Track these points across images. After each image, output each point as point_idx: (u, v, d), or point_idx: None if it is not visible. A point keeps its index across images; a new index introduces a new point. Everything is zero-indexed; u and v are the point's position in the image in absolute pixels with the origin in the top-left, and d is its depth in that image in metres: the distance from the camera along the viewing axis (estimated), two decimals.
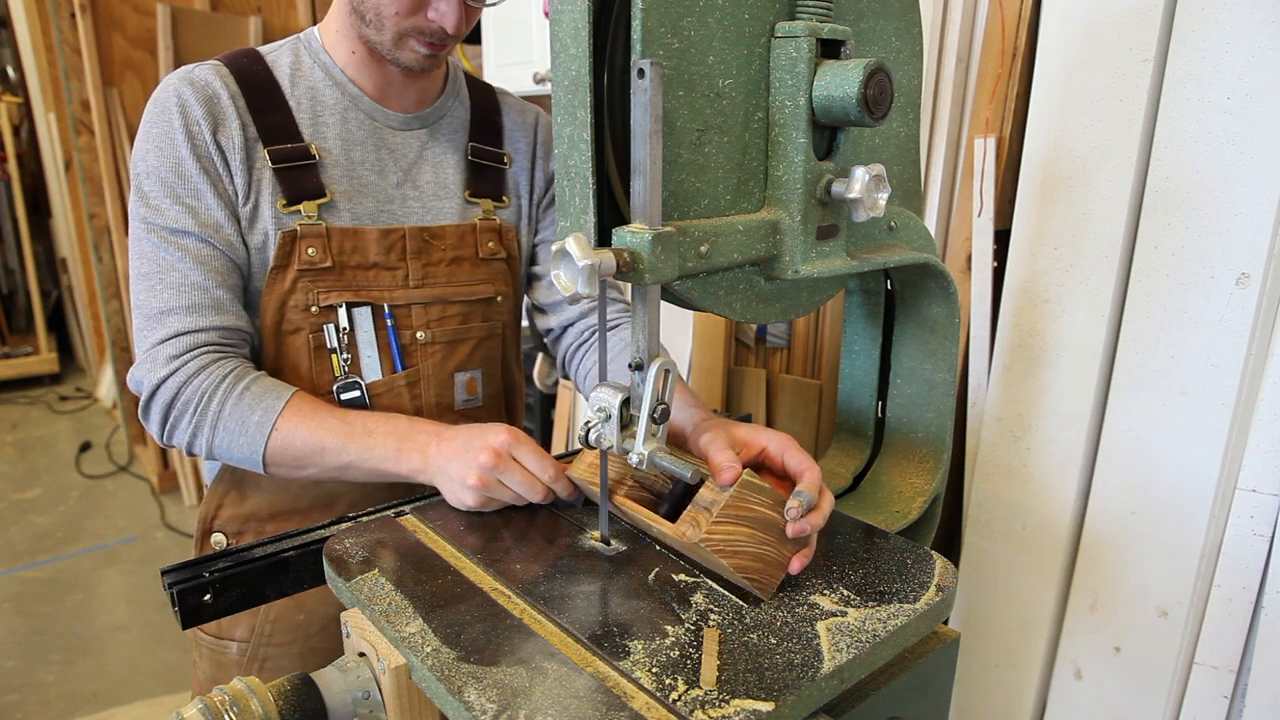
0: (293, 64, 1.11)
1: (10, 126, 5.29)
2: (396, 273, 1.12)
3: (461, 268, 1.18)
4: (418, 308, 1.14)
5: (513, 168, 1.26)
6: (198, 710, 0.67)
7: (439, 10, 1.01)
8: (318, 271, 1.07)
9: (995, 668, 1.45)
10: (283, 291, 1.06)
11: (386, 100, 1.14)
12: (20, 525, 3.59)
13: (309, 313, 1.07)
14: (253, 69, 1.08)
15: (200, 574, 0.86)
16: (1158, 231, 1.20)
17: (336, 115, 1.11)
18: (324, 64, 1.11)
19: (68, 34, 3.34)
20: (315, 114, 1.10)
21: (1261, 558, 1.14)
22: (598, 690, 0.64)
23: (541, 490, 0.93)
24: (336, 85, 1.11)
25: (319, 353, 1.09)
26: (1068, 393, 1.32)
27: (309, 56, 1.12)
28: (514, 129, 1.27)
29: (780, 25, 0.74)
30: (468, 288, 1.18)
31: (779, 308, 0.85)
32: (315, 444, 0.98)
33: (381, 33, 1.04)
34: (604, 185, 0.70)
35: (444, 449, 0.94)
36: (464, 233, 1.18)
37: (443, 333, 1.17)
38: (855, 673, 0.69)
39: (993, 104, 1.39)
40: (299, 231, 1.05)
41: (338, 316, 1.09)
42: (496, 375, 1.25)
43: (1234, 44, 1.10)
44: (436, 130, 1.19)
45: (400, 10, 1.01)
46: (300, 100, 1.09)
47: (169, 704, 2.51)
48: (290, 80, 1.10)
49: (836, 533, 0.90)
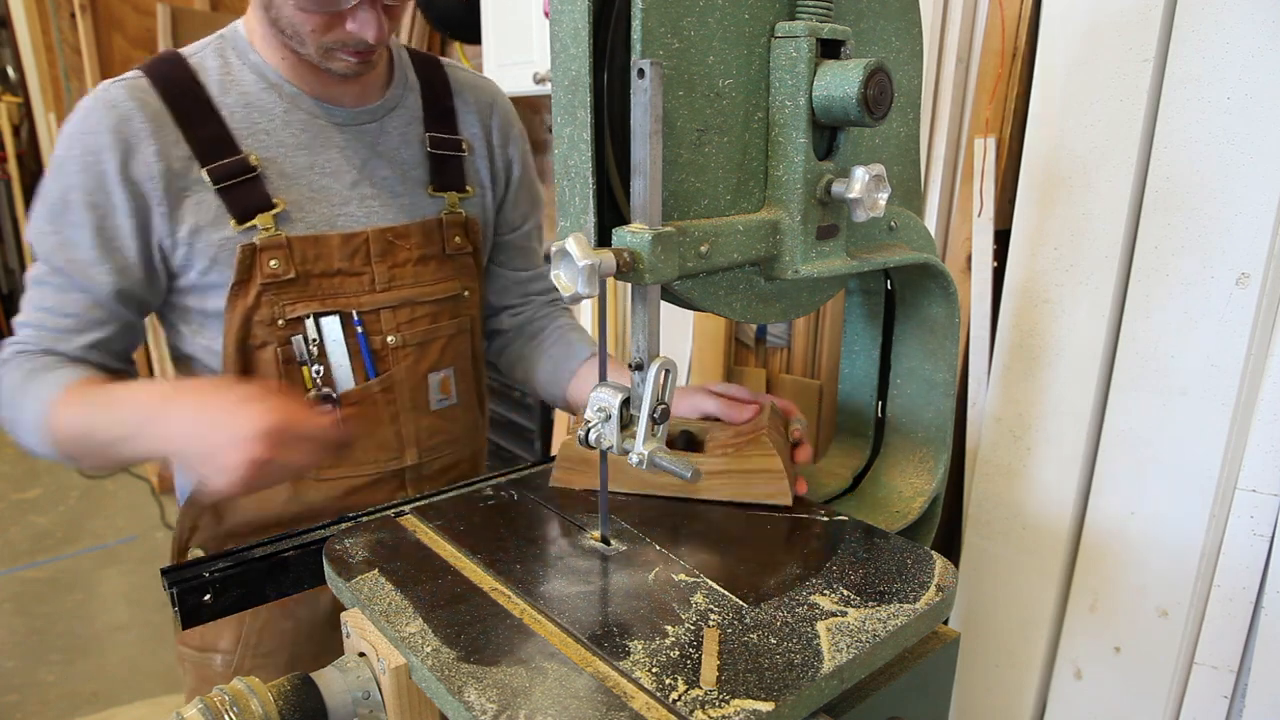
0: (221, 68, 1.05)
1: (10, 126, 5.29)
2: (362, 278, 1.09)
3: (428, 266, 1.15)
4: (386, 311, 1.11)
5: (473, 156, 1.22)
6: (198, 710, 0.67)
7: (358, 21, 0.97)
8: (282, 284, 1.04)
9: (995, 668, 1.45)
10: (247, 307, 1.03)
11: (329, 98, 1.09)
12: (20, 525, 3.60)
13: (275, 326, 1.04)
14: (178, 79, 1.02)
15: (200, 574, 0.86)
16: (1158, 231, 1.20)
17: (276, 120, 1.05)
18: (255, 65, 1.06)
19: (68, 34, 3.35)
20: (252, 121, 1.04)
21: (1261, 558, 1.15)
22: (598, 690, 0.64)
23: (329, 456, 0.91)
24: (272, 87, 1.06)
25: (289, 366, 1.07)
26: (1068, 393, 1.32)
27: (237, 58, 1.06)
28: (467, 112, 1.22)
29: (780, 25, 0.74)
30: (436, 286, 1.15)
31: (779, 308, 0.85)
32: (85, 425, 0.93)
33: (304, 47, 1.01)
34: (604, 185, 0.70)
35: (203, 433, 0.85)
36: (429, 229, 1.14)
37: (413, 335, 1.14)
38: (855, 673, 0.69)
39: (993, 104, 1.39)
40: (258, 245, 1.02)
41: (305, 327, 1.06)
42: (468, 371, 1.24)
43: (1234, 44, 1.10)
44: (388, 123, 1.14)
45: (316, 28, 0.98)
46: (233, 108, 1.04)
47: (169, 704, 2.51)
48: (220, 87, 1.04)
49: (836, 533, 0.90)
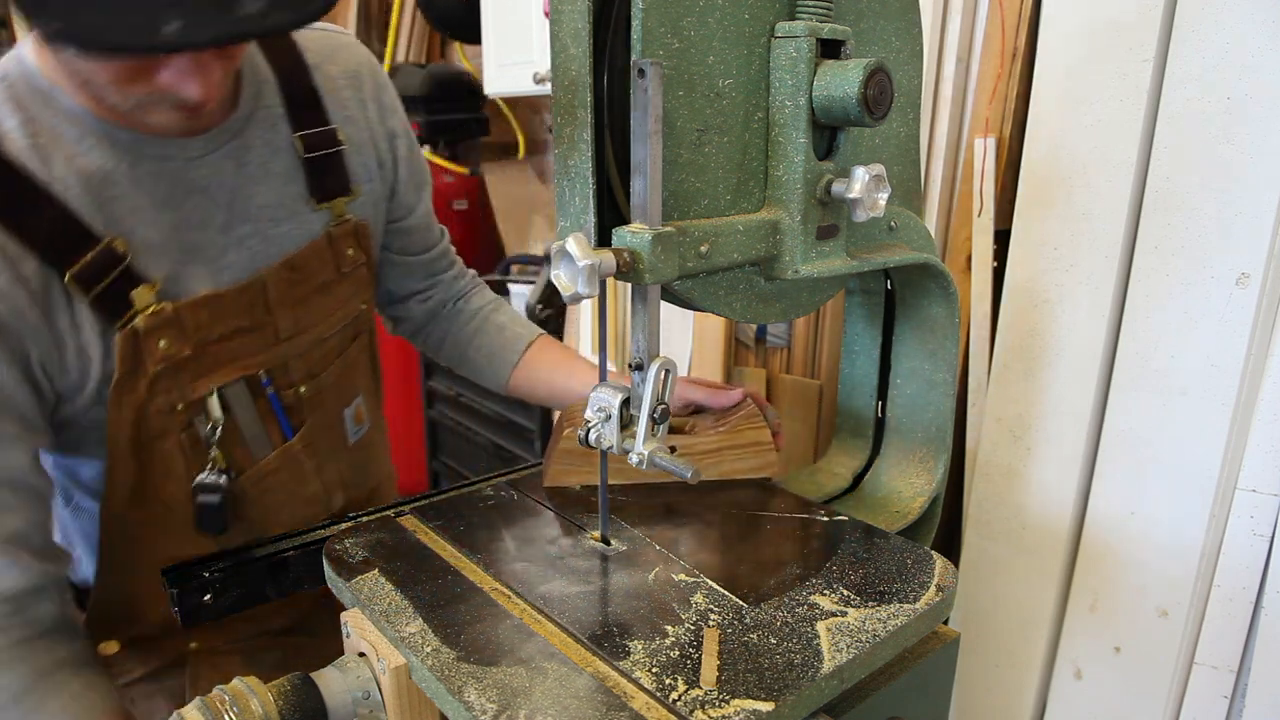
0: (28, 129, 0.79)
1: None
2: (265, 330, 0.94)
3: (330, 293, 1.00)
4: (295, 360, 0.98)
5: (352, 146, 1.01)
6: (198, 710, 0.67)
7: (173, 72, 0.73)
8: (176, 364, 0.87)
9: (995, 668, 1.45)
10: (138, 401, 0.86)
11: (174, 130, 0.85)
12: None
13: (174, 413, 0.89)
14: None
15: (200, 574, 0.86)
16: (1158, 231, 1.20)
17: (123, 182, 0.83)
18: (73, 115, 0.81)
19: None
20: (95, 190, 0.81)
21: (1261, 558, 1.14)
22: (598, 690, 0.64)
23: None
24: (104, 139, 0.82)
25: (195, 449, 0.92)
26: (1068, 393, 1.32)
27: (47, 110, 0.80)
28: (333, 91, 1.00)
29: (780, 25, 0.74)
30: (340, 312, 1.02)
31: (779, 308, 0.85)
32: None
33: (109, 98, 0.79)
34: (604, 185, 0.70)
35: None
36: (320, 250, 0.97)
37: (326, 376, 1.02)
38: (855, 673, 0.69)
39: (993, 104, 1.39)
40: (141, 328, 0.83)
41: (209, 405, 0.91)
42: (371, 386, 1.15)
43: (1234, 44, 1.10)
44: (249, 135, 0.92)
45: (115, 79, 0.75)
46: (67, 181, 0.80)
47: None
48: (37, 157, 0.79)
49: (836, 533, 0.90)
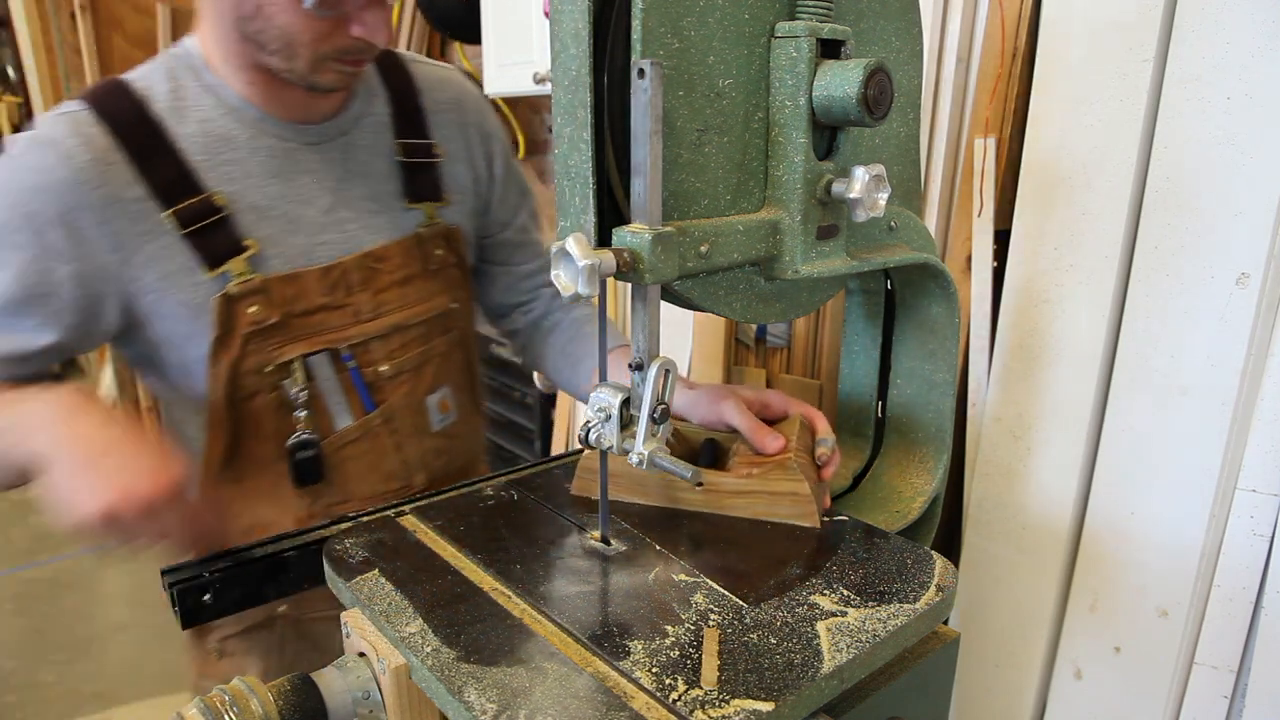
0: (172, 93, 0.95)
1: (10, 126, 5.29)
2: (346, 310, 1.03)
3: (413, 286, 1.08)
4: (376, 341, 1.06)
5: (449, 160, 1.13)
6: (198, 710, 0.67)
7: (365, 25, 0.89)
8: (265, 330, 0.97)
9: (995, 668, 1.45)
10: (232, 359, 0.97)
11: (296, 116, 1.01)
12: (20, 525, 3.60)
13: (264, 374, 0.99)
14: (126, 110, 0.92)
15: (200, 574, 0.86)
16: (1158, 231, 1.20)
17: (242, 149, 0.97)
18: (213, 88, 0.97)
19: (68, 34, 3.35)
20: (214, 153, 0.95)
21: (1261, 558, 1.14)
22: (598, 690, 0.64)
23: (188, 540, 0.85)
24: (234, 113, 0.97)
25: (281, 412, 1.01)
26: (1068, 393, 1.32)
27: (192, 80, 0.96)
28: (437, 112, 1.13)
29: (780, 25, 0.74)
30: (423, 306, 1.10)
31: (779, 308, 0.85)
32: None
33: (293, 60, 0.92)
34: (604, 185, 0.70)
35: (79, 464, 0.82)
36: (408, 247, 1.08)
37: (408, 360, 1.09)
38: (855, 673, 0.69)
39: (993, 104, 1.39)
40: (232, 294, 0.95)
41: (294, 371, 1.00)
42: (465, 384, 1.20)
43: (1234, 44, 1.10)
44: (357, 135, 1.06)
45: (317, 35, 0.89)
46: (193, 140, 0.94)
47: (169, 704, 2.51)
48: (175, 116, 0.94)
49: (836, 533, 0.90)
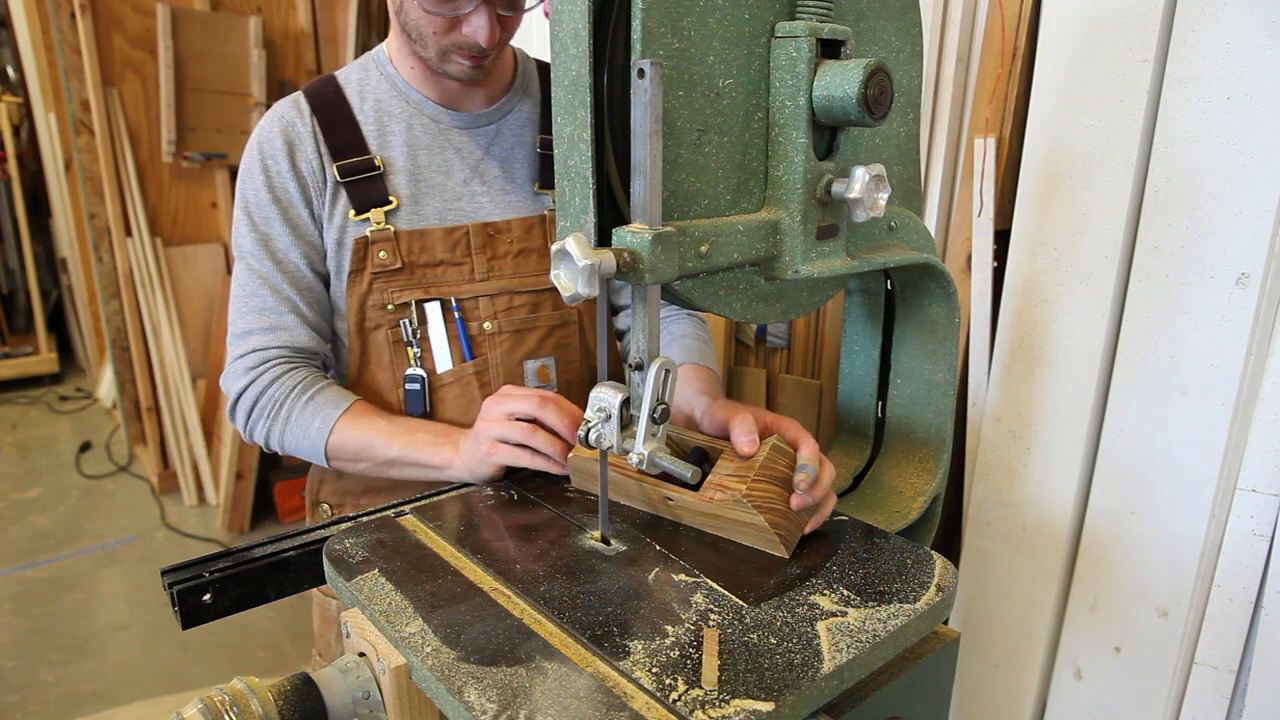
0: (360, 80, 1.20)
1: (10, 126, 5.29)
2: (462, 268, 1.20)
3: (529, 259, 1.23)
4: (484, 300, 1.21)
5: None
6: (198, 710, 0.67)
7: (472, 26, 1.07)
8: (390, 273, 1.16)
9: (995, 668, 1.45)
10: (361, 293, 1.17)
11: (451, 104, 1.21)
12: (20, 525, 3.59)
13: (385, 310, 1.17)
14: (325, 91, 1.19)
15: (200, 574, 0.86)
16: (1158, 231, 1.20)
17: (401, 124, 1.19)
18: (389, 76, 1.20)
19: (68, 34, 3.35)
20: (381, 124, 1.19)
21: (1261, 558, 1.14)
22: (598, 690, 0.64)
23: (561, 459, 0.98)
24: (401, 95, 1.20)
25: (397, 346, 1.19)
26: (1068, 393, 1.32)
27: (376, 70, 1.21)
28: None
29: (780, 25, 0.74)
30: (534, 278, 1.24)
31: (779, 308, 0.85)
32: (365, 442, 1.10)
33: (427, 50, 1.11)
34: (604, 185, 0.70)
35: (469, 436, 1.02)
36: (531, 225, 1.23)
37: (509, 322, 1.22)
38: (855, 673, 0.69)
39: (993, 104, 1.39)
40: (370, 237, 1.15)
41: (410, 312, 1.18)
42: (574, 362, 1.29)
43: (1234, 44, 1.10)
44: (504, 126, 1.25)
45: (438, 29, 1.08)
46: (367, 114, 1.18)
47: (169, 704, 2.51)
48: (359, 96, 1.19)
49: (836, 533, 0.90)
